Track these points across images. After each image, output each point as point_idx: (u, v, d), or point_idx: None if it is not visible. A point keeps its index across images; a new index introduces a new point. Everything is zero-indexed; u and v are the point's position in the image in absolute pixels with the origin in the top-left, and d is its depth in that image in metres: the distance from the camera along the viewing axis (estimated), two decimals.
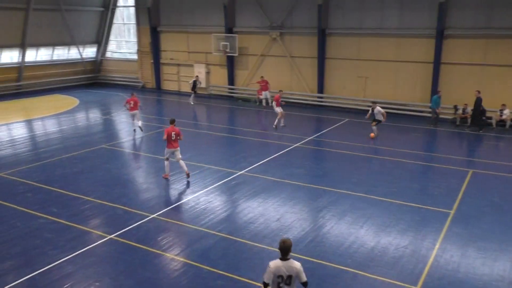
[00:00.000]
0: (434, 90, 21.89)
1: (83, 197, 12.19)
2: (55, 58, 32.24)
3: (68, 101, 27.80)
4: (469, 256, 9.17)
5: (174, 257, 9.08)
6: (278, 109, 20.23)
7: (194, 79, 27.16)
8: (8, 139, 18.74)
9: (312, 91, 26.27)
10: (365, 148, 17.36)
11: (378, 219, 10.86)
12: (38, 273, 8.46)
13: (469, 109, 20.99)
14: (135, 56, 33.34)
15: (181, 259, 9.01)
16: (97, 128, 20.97)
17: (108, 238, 9.87)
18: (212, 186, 13.11)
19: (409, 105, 23.43)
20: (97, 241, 9.73)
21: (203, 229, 10.31)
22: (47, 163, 15.20)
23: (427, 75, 22.74)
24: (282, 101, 20.55)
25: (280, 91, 21.41)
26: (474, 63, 21.51)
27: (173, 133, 13.23)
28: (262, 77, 26.15)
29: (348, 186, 13.11)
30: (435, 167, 15.42)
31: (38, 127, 21.24)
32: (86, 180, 13.57)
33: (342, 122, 22.26)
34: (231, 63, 28.50)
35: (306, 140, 18.50)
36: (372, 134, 18.55)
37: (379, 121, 18.38)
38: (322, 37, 24.85)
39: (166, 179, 13.62)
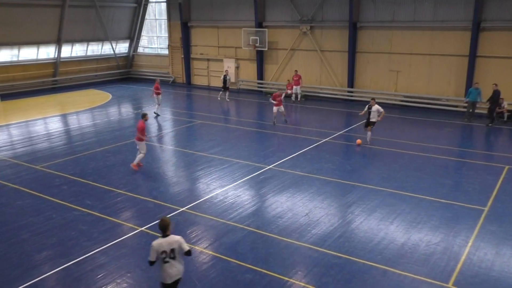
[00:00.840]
0: (469, 84, 21.28)
1: (116, 190, 12.51)
2: (89, 53, 33.06)
3: (102, 95, 28.50)
4: (504, 254, 8.91)
5: (203, 250, 9.21)
6: (281, 108, 20.13)
7: (224, 73, 27.19)
8: (44, 132, 19.40)
9: (342, 85, 25.98)
10: (396, 143, 17.05)
11: (408, 216, 10.68)
12: (73, 263, 8.75)
13: (505, 103, 20.33)
14: (166, 51, 33.80)
15: (210, 252, 9.13)
16: (129, 123, 21.41)
17: (139, 230, 10.10)
18: (241, 180, 13.20)
19: (442, 100, 22.84)
20: (128, 233, 9.97)
21: (232, 223, 10.41)
22: (81, 156, 15.65)
23: (461, 69, 22.10)
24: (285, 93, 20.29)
25: (279, 90, 21.42)
26: (511, 57, 20.76)
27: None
28: (296, 71, 25.99)
29: (378, 181, 12.93)
30: (469, 162, 15.00)
31: (73, 121, 21.89)
32: (118, 173, 13.90)
33: None
34: (260, 58, 28.49)
35: (336, 134, 18.33)
36: (359, 141, 16.69)
37: (374, 124, 16.65)
38: (353, 30, 24.49)
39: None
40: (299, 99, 25.87)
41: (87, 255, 9.03)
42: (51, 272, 8.44)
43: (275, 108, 20.09)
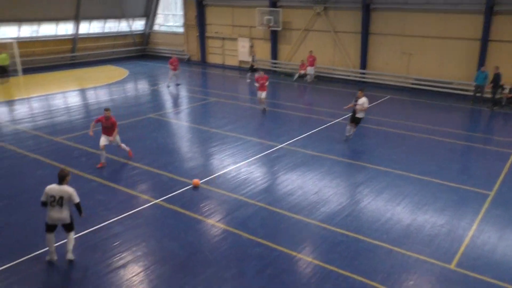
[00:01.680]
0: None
1: (132, 163, 12.91)
2: (106, 30, 33.32)
3: (118, 72, 28.84)
4: (507, 238, 9.10)
5: (215, 224, 9.57)
6: (262, 94, 18.39)
7: (252, 54, 26.80)
8: (63, 106, 19.88)
9: (355, 67, 25.90)
10: (407, 125, 17.13)
11: (415, 197, 10.90)
12: (90, 231, 9.18)
13: (507, 88, 20.34)
14: (181, 30, 33.87)
15: (222, 226, 9.49)
16: (145, 99, 21.77)
17: (154, 202, 10.50)
18: (254, 158, 13.50)
19: (454, 83, 22.69)
20: (144, 205, 10.37)
21: (243, 198, 10.75)
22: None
23: (473, 53, 21.86)
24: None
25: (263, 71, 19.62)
26: None
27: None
28: (311, 51, 25.93)
29: (387, 163, 13.12)
30: (477, 147, 15.08)
31: (91, 96, 22.32)
32: (135, 147, 14.27)
33: (384, 98, 21.96)
34: (274, 38, 28.44)
35: (347, 115, 18.42)
36: (196, 182, 11.45)
37: (360, 121, 14.76)
38: (367, 12, 24.26)
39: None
40: (313, 80, 25.92)
41: (103, 224, 9.44)
42: None
43: (258, 93, 18.61)
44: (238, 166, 12.83)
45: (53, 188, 7.74)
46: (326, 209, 10.27)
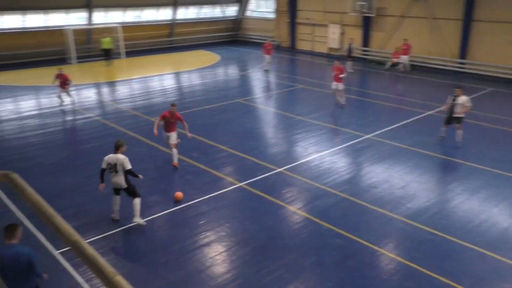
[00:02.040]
0: None
1: (219, 146, 13.38)
2: (201, 16, 34.51)
3: (211, 56, 29.84)
4: None
5: (296, 211, 9.63)
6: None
7: (349, 42, 26.11)
8: (160, 88, 21.09)
9: (453, 56, 24.14)
10: (510, 121, 15.73)
11: None
12: (178, 208, 9.71)
13: None
14: (272, 15, 34.00)
15: (303, 213, 9.52)
16: (234, 83, 22.32)
17: (238, 185, 10.81)
18: (338, 147, 13.29)
19: None
20: (228, 187, 10.72)
21: (326, 188, 10.66)
22: (191, 112, 16.83)
23: None
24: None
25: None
26: None
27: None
28: (405, 39, 24.57)
29: (486, 161, 12.16)
30: None
31: (185, 79, 23.40)
32: (222, 131, 14.78)
33: (484, 91, 20.29)
34: (366, 24, 27.46)
35: (442, 108, 17.33)
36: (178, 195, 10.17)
37: (461, 121, 13.08)
38: None
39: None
40: (407, 69, 24.65)
41: (191, 202, 9.93)
42: (159, 214, 9.47)
43: (333, 84, 17.41)
44: (321, 155, 12.72)
45: (110, 156, 8.72)
46: (412, 205, 9.84)
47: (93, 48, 27.95)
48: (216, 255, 8.08)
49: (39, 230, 8.54)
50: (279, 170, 11.65)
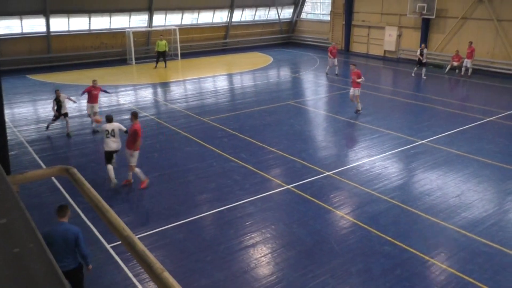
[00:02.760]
0: None
1: (268, 147, 13.42)
2: (256, 18, 34.81)
3: (264, 58, 30.00)
4: None
5: (344, 215, 9.46)
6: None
7: (421, 48, 24.44)
8: (212, 89, 21.49)
9: None
10: None
11: None
12: (226, 208, 9.82)
13: None
14: (327, 18, 33.66)
15: (351, 219, 9.34)
16: (286, 85, 22.30)
17: (285, 187, 10.79)
18: (390, 152, 12.93)
19: None
20: (276, 189, 10.72)
21: (375, 193, 10.40)
22: (241, 113, 17.01)
23: None
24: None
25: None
26: None
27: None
28: (470, 42, 23.36)
29: None
30: None
31: (237, 80, 23.69)
32: (272, 132, 14.81)
33: None
34: (426, 26, 26.49)
35: (504, 114, 16.43)
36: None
37: None
38: None
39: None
40: (469, 74, 23.47)
41: (238, 203, 10.02)
42: (208, 213, 9.64)
43: (351, 90, 16.86)
44: (372, 160, 12.42)
45: (107, 125, 10.55)
46: (468, 214, 9.38)
47: (151, 50, 28.97)
48: (261, 256, 8.11)
49: (94, 225, 8.96)
50: (327, 173, 11.51)
